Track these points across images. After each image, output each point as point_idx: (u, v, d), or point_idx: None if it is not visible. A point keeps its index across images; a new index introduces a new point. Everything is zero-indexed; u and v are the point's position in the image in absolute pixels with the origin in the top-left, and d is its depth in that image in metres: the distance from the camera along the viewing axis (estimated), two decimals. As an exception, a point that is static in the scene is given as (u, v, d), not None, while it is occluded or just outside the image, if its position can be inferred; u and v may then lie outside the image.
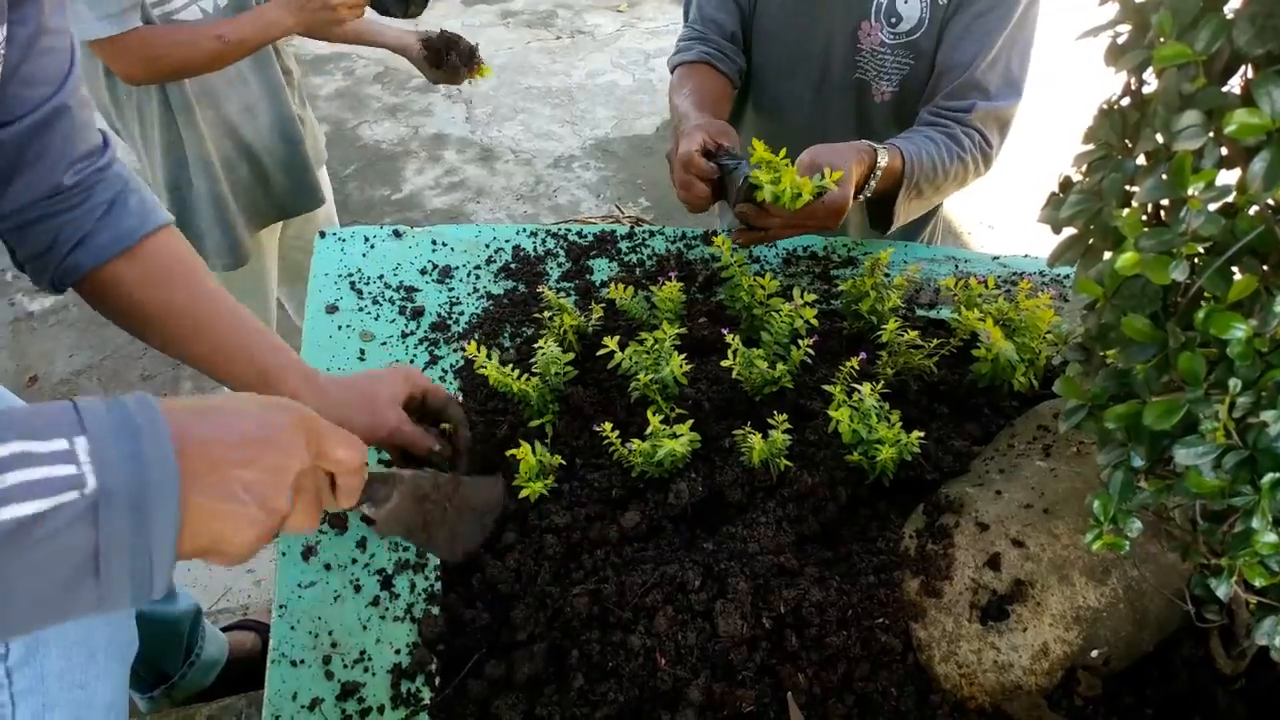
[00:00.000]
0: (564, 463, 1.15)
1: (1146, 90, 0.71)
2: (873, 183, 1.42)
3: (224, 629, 1.77)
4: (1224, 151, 0.63)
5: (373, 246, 1.53)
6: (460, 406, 1.15)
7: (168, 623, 1.50)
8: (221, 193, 1.88)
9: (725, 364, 1.18)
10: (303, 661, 1.00)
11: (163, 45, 1.62)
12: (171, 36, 1.63)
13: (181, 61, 1.66)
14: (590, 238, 1.57)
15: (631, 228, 1.60)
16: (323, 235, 1.55)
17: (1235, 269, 0.64)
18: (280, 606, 1.05)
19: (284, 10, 1.74)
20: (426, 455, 1.09)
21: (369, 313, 1.41)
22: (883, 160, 1.43)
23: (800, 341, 1.20)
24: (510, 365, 1.20)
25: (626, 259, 1.52)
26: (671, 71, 1.71)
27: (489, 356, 1.19)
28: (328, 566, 1.09)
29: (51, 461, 0.57)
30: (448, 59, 2.10)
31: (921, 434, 1.07)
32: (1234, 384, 0.64)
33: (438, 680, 0.99)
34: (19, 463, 0.56)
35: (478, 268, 1.50)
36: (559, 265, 1.51)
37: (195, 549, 0.66)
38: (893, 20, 1.59)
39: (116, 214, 1.02)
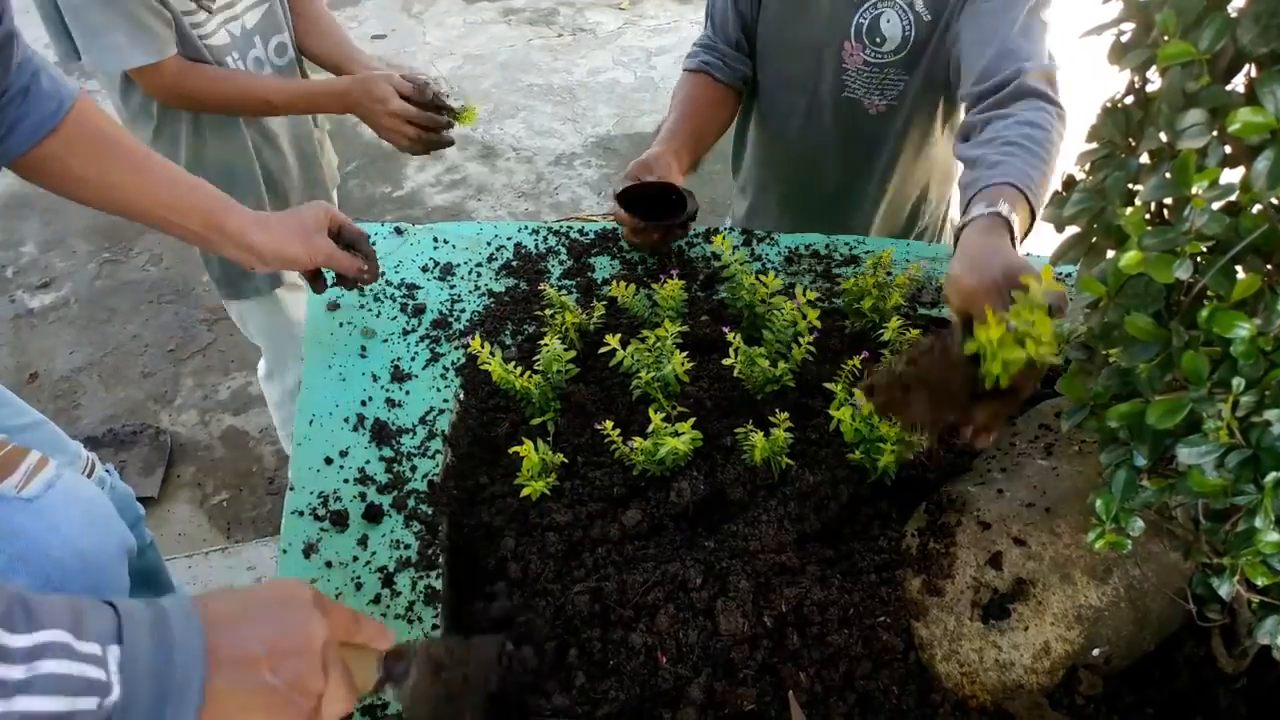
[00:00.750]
0: (565, 461, 1.15)
1: (1150, 89, 0.71)
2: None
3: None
4: (1228, 150, 0.63)
5: (374, 244, 1.53)
6: (368, 240, 1.33)
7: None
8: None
9: (727, 362, 1.18)
10: (304, 659, 1.00)
11: (208, 89, 1.64)
12: (217, 86, 1.65)
13: (221, 107, 1.70)
14: (591, 235, 1.57)
15: (633, 225, 1.60)
16: (324, 232, 1.54)
17: (1239, 268, 0.64)
18: (282, 604, 1.05)
19: (337, 100, 1.74)
20: (354, 276, 1.29)
21: (370, 310, 1.41)
22: (1016, 220, 1.14)
23: (802, 340, 1.20)
24: (512, 363, 1.20)
25: (628, 257, 1.52)
26: None
27: (491, 354, 1.20)
28: (329, 564, 1.09)
29: (85, 661, 0.57)
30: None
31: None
32: (1237, 383, 0.64)
33: (439, 678, 1.00)
34: (57, 652, 0.56)
35: (479, 265, 1.50)
36: (560, 263, 1.51)
37: None
38: (877, 40, 1.57)
39: (34, 98, 1.08)
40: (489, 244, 1.54)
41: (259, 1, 1.75)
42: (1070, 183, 0.79)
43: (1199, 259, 0.65)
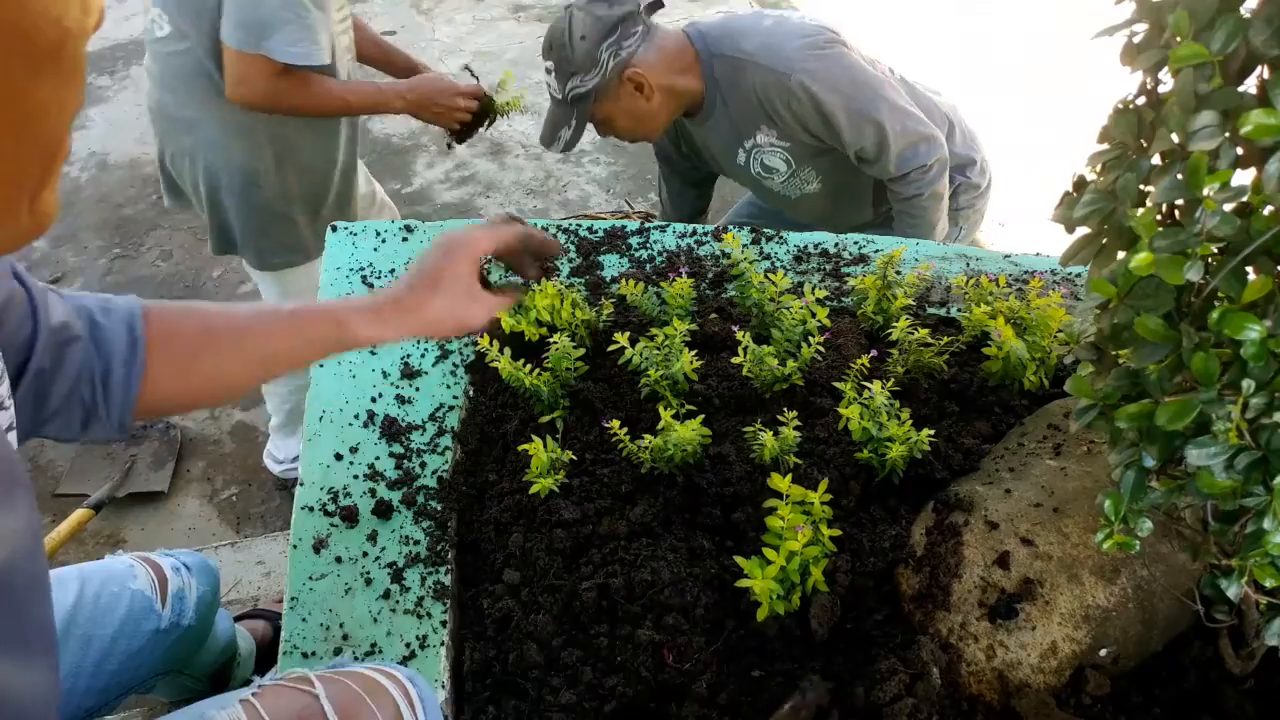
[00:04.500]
0: (574, 458, 1.15)
1: (1162, 90, 0.71)
2: None
3: (237, 618, 1.79)
4: (1239, 152, 0.63)
5: (384, 241, 1.53)
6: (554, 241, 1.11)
7: (228, 651, 1.52)
8: (304, 193, 1.96)
9: (736, 361, 1.18)
10: (314, 654, 1.01)
11: (300, 91, 1.72)
12: (308, 88, 1.73)
13: (296, 109, 1.77)
14: (601, 233, 1.57)
15: (641, 223, 1.60)
16: (334, 229, 1.55)
17: (1250, 269, 0.64)
18: (292, 599, 1.06)
19: (400, 98, 1.89)
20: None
21: (380, 307, 1.41)
22: None
23: (811, 339, 1.20)
24: (521, 360, 1.21)
25: (637, 255, 1.53)
26: None
27: (500, 351, 1.20)
28: (339, 559, 1.09)
29: None
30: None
31: (931, 432, 1.07)
32: (1247, 385, 0.64)
33: (448, 675, 1.00)
34: None
35: (488, 262, 1.50)
36: (569, 260, 1.51)
37: None
38: (767, 170, 1.95)
39: (103, 340, 0.89)
40: (498, 241, 1.54)
41: (347, 15, 1.88)
42: (1081, 184, 0.79)
43: (1210, 261, 0.65)
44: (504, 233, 1.04)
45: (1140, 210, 0.68)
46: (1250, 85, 0.64)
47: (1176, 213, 0.71)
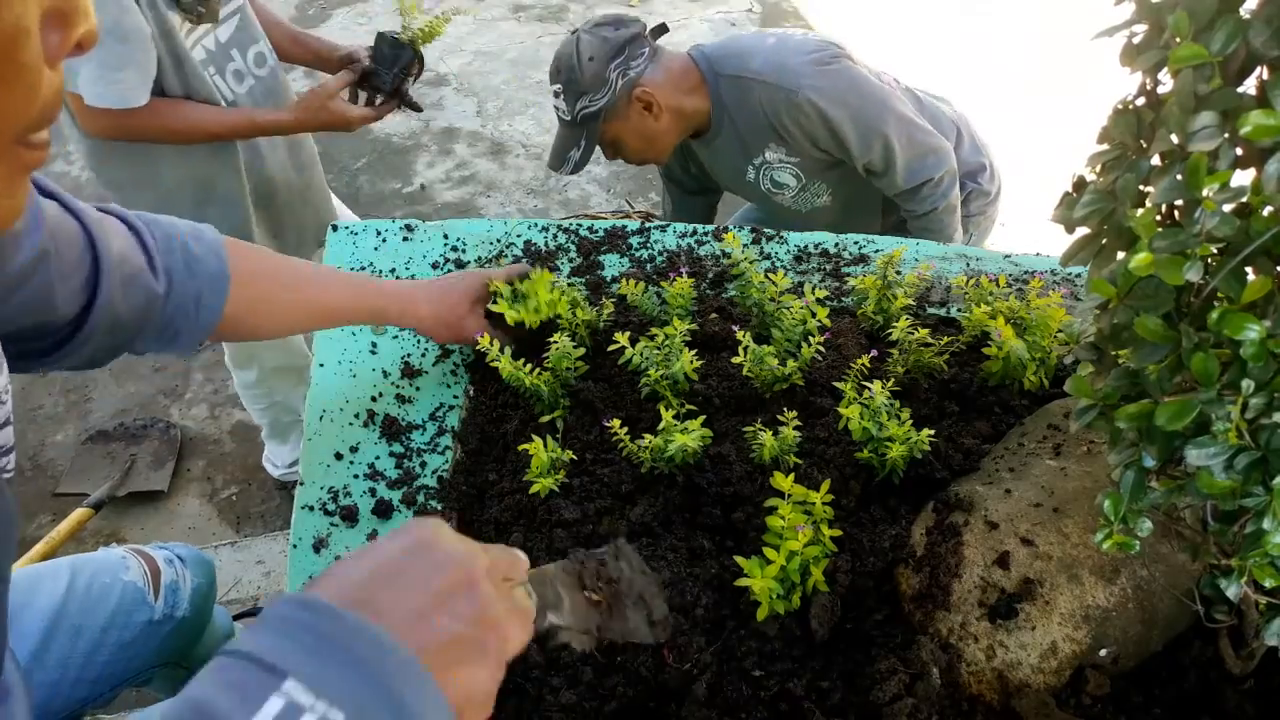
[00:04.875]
0: (574, 457, 1.15)
1: (1162, 90, 0.71)
2: None
3: (236, 616, 1.79)
4: (1239, 152, 0.63)
5: (384, 240, 1.53)
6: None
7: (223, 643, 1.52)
8: (248, 231, 1.87)
9: (736, 360, 1.18)
10: (314, 652, 1.01)
11: (150, 122, 1.62)
12: (159, 119, 1.63)
13: (156, 139, 1.67)
14: (601, 233, 1.57)
15: (642, 223, 1.60)
16: (334, 229, 1.55)
17: (1249, 270, 0.64)
18: (292, 598, 1.06)
19: (279, 129, 1.79)
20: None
21: (381, 306, 1.41)
22: None
23: (811, 339, 1.20)
24: (522, 360, 1.21)
25: (637, 254, 1.53)
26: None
27: (501, 350, 1.20)
28: (339, 559, 1.09)
29: None
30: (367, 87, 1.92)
31: (931, 432, 1.07)
32: (1247, 385, 0.64)
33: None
34: None
35: (489, 262, 1.50)
36: (570, 260, 1.51)
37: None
38: (778, 186, 2.00)
39: (198, 267, 0.98)
40: (499, 241, 1.55)
41: (230, 14, 1.73)
42: (1081, 184, 0.79)
43: (1209, 261, 0.65)
44: (510, 270, 1.32)
45: (1140, 210, 0.68)
46: (1250, 86, 0.64)
47: (1176, 213, 0.71)
